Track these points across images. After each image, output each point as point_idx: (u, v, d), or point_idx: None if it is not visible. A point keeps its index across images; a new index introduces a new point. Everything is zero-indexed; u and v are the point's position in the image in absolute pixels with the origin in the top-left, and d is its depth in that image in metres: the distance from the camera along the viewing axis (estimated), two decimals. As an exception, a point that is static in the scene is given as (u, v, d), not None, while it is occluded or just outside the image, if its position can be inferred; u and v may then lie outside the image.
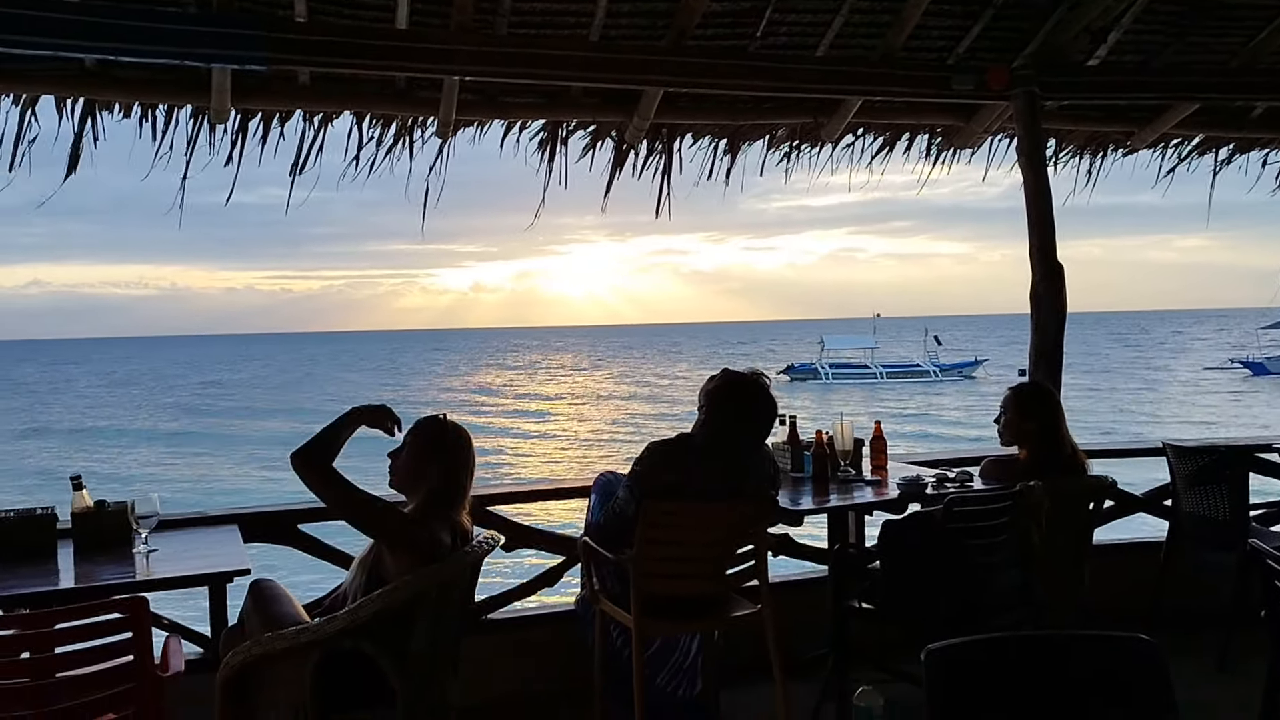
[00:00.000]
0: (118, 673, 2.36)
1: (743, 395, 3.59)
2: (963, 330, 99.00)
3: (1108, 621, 2.69)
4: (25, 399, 56.57)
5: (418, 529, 2.91)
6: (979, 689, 1.95)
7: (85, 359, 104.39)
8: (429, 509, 2.97)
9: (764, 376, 3.66)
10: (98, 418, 45.57)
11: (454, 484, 3.02)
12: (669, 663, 4.05)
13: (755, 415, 3.57)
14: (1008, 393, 4.17)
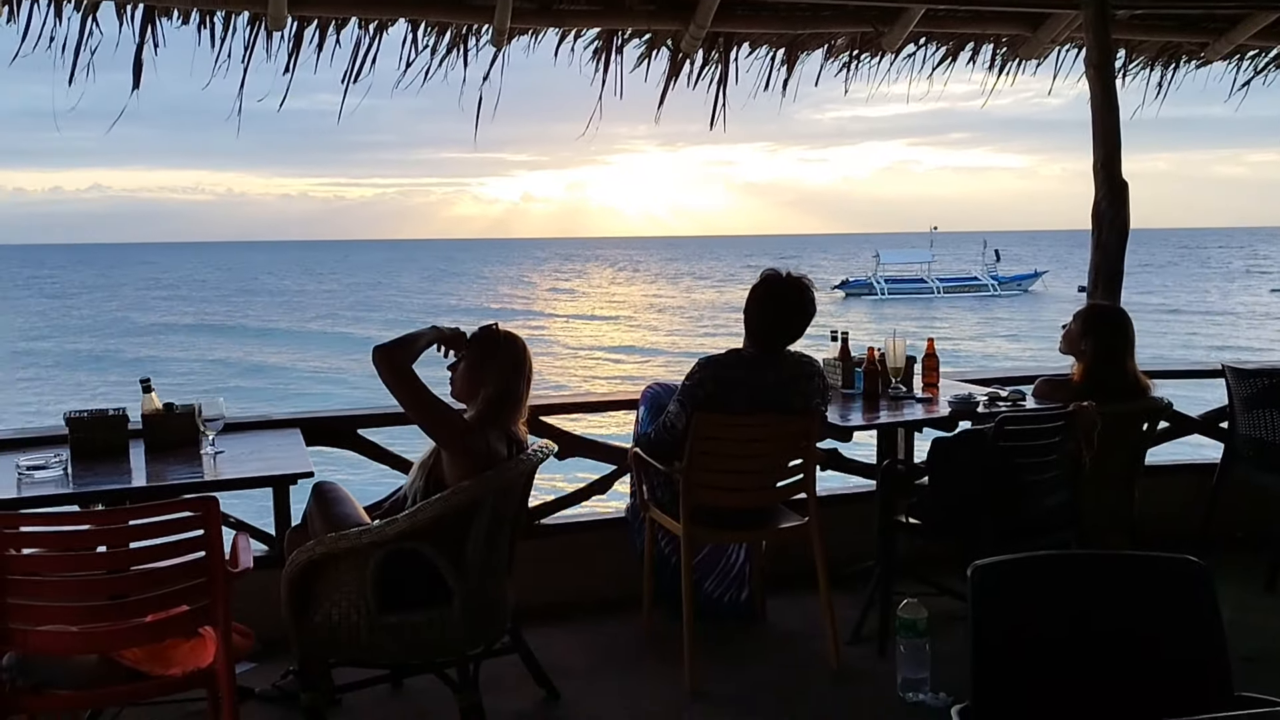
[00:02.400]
0: (190, 568, 2.47)
1: (777, 293, 3.59)
2: (1022, 247, 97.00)
3: (1156, 543, 2.70)
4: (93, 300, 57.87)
5: (476, 437, 2.98)
6: (1023, 606, 1.98)
7: (153, 262, 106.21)
8: (487, 418, 3.03)
9: (804, 279, 3.63)
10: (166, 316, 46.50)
11: (510, 393, 3.07)
12: (717, 570, 4.14)
13: (791, 311, 3.56)
14: (1083, 307, 4.14)
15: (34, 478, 3.05)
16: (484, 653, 3.22)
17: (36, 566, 2.45)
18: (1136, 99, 5.64)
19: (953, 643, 3.71)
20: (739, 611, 4.12)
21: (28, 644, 2.40)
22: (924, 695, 3.42)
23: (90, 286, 69.41)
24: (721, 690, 3.53)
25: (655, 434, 3.65)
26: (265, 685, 3.48)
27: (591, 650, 3.89)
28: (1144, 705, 1.66)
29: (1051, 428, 3.62)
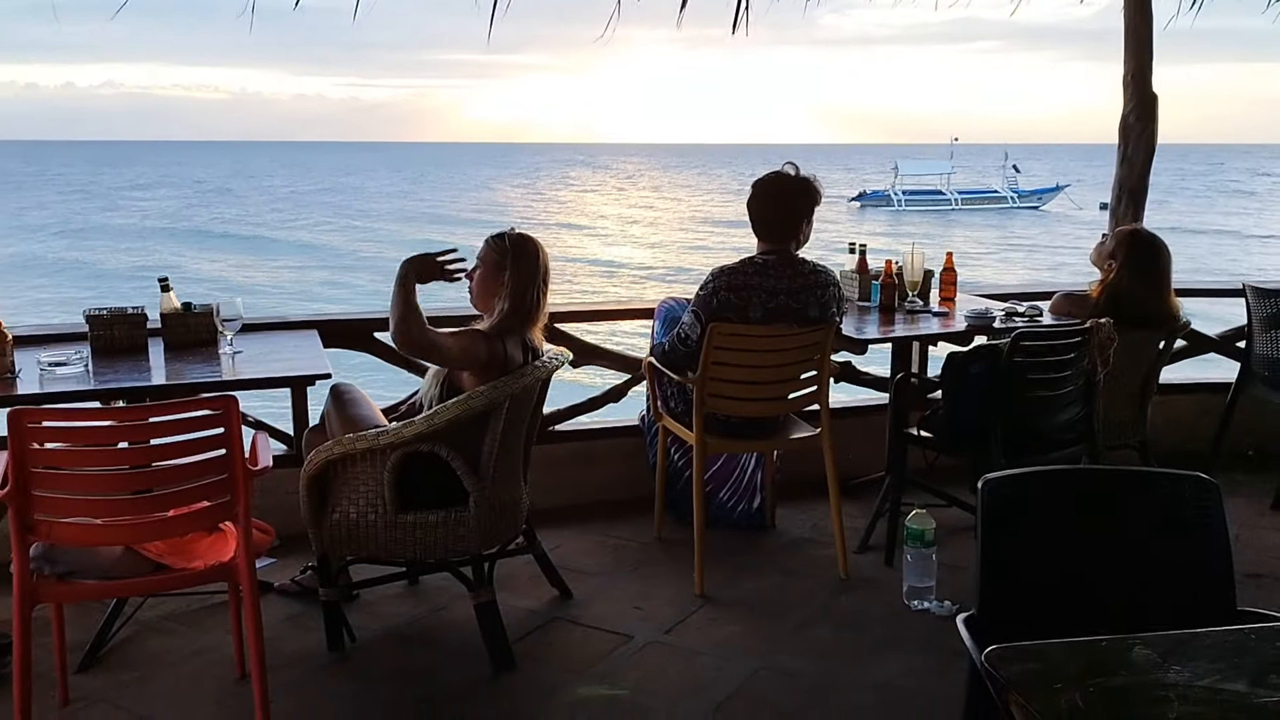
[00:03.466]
0: (211, 465, 2.51)
1: (774, 178, 3.57)
2: (1044, 160, 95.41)
3: (1167, 459, 2.72)
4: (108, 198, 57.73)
5: (494, 348, 2.99)
6: (1032, 518, 2.00)
7: (165, 161, 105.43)
8: (504, 324, 3.04)
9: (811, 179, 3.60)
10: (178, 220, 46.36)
11: (527, 300, 3.06)
12: (729, 479, 4.19)
13: (792, 191, 3.54)
14: (1125, 228, 4.09)
15: (55, 374, 3.09)
16: (498, 552, 3.29)
17: (60, 460, 2.49)
18: (1171, 8, 5.49)
19: (959, 553, 3.78)
20: (750, 520, 4.19)
21: (54, 535, 2.46)
22: (929, 603, 3.49)
23: (105, 186, 69.15)
24: (729, 595, 3.61)
25: (670, 345, 3.65)
26: (285, 580, 3.57)
27: (603, 553, 3.97)
28: (1146, 617, 1.69)
29: (1068, 343, 3.61)
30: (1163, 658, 1.52)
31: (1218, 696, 1.42)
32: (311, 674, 3.07)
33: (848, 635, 3.34)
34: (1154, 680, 1.47)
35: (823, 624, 3.42)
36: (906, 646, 3.25)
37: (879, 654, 3.21)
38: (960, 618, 1.91)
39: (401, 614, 3.45)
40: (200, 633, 3.30)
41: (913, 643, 3.27)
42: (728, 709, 2.90)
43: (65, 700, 2.88)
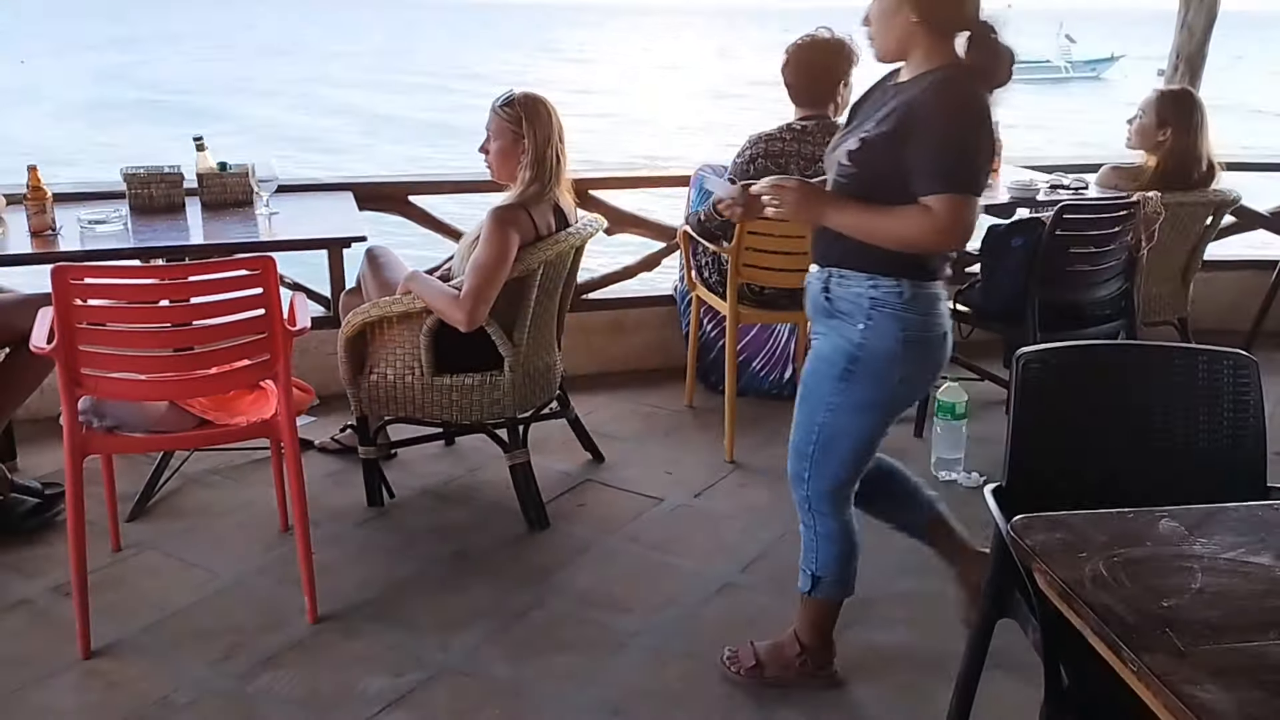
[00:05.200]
0: (250, 324, 2.55)
1: (809, 40, 3.47)
2: (1103, 25, 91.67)
3: (1207, 337, 2.69)
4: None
5: (521, 218, 2.94)
6: (1065, 393, 2.00)
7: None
8: (529, 191, 2.98)
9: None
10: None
11: (547, 158, 2.97)
12: (762, 349, 4.20)
13: (829, 52, 3.44)
14: (1150, 94, 3.91)
15: (95, 231, 3.12)
16: (533, 416, 3.34)
17: (103, 316, 2.53)
18: None
19: (989, 427, 3.79)
20: (781, 390, 4.21)
21: (100, 390, 2.52)
22: (957, 474, 3.53)
23: (172, 38, 68.27)
24: (759, 462, 3.66)
25: (705, 213, 3.61)
26: (324, 438, 3.66)
27: (635, 419, 4.02)
28: (1177, 493, 1.69)
29: (1113, 217, 3.53)
30: (1189, 530, 1.53)
31: (1241, 569, 1.44)
32: (351, 528, 3.18)
33: (875, 504, 3.38)
34: (1179, 552, 1.48)
35: (850, 492, 3.46)
36: (932, 516, 3.29)
37: (905, 522, 3.26)
38: (988, 488, 1.93)
39: (438, 473, 3.53)
40: (244, 487, 3.41)
41: (939, 512, 3.31)
42: (754, 570, 2.98)
43: (117, 546, 3.01)
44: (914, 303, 2.14)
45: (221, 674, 2.51)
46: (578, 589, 2.89)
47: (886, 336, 2.15)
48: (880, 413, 2.27)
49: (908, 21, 2.07)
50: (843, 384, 2.20)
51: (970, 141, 2.04)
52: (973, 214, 2.05)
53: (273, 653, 2.58)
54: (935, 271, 2.17)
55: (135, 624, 2.68)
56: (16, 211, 3.25)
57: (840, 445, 2.28)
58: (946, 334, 2.24)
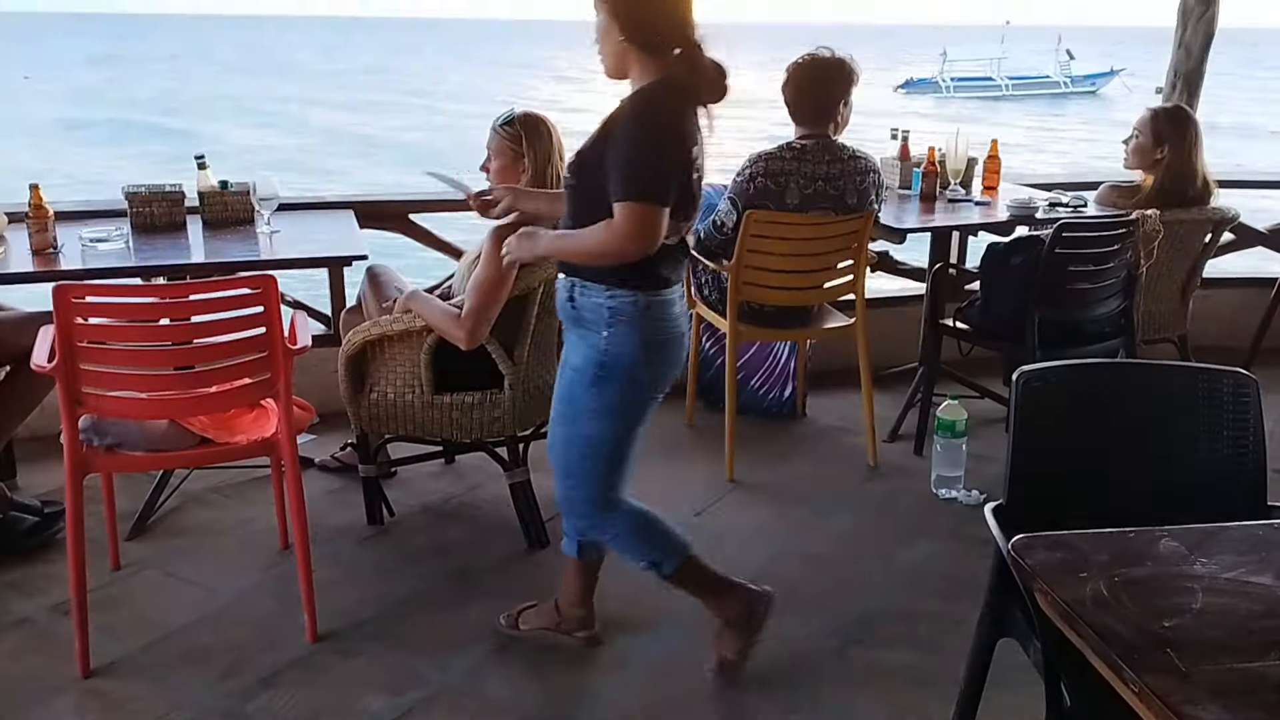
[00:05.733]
0: (251, 343, 2.55)
1: (808, 60, 3.49)
2: (1101, 44, 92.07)
3: (1206, 355, 2.70)
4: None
5: None
6: (1065, 411, 2.00)
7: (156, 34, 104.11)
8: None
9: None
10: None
11: (544, 178, 2.96)
12: (762, 367, 4.21)
13: (828, 69, 3.46)
14: (1145, 114, 3.93)
15: (97, 249, 3.12)
16: (532, 434, 3.34)
17: (104, 335, 2.54)
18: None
19: (989, 445, 3.79)
20: (781, 408, 4.21)
21: (101, 408, 2.52)
22: (957, 492, 3.52)
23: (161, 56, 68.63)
24: (759, 480, 3.66)
25: (705, 232, 3.62)
26: (325, 456, 3.66)
27: (635, 437, 4.01)
28: (1177, 512, 1.69)
29: (1112, 235, 3.54)
30: (1190, 550, 1.53)
31: (1243, 589, 1.44)
32: (351, 546, 3.17)
33: (874, 522, 3.39)
34: (1180, 572, 1.48)
35: (850, 510, 3.47)
36: (932, 534, 3.30)
37: (905, 540, 3.26)
38: (989, 507, 1.93)
39: (438, 491, 3.53)
40: (244, 505, 3.40)
41: (939, 530, 3.32)
42: (755, 589, 2.97)
43: (117, 565, 3.00)
44: (650, 311, 2.26)
45: (220, 693, 2.50)
46: (578, 608, 2.88)
47: (628, 343, 2.26)
48: (632, 414, 2.38)
49: (618, 42, 2.18)
50: (595, 390, 2.31)
51: (651, 151, 2.11)
52: (655, 221, 2.11)
53: (272, 672, 2.57)
54: (666, 279, 2.28)
55: (135, 643, 2.67)
56: (18, 230, 3.25)
57: (603, 450, 2.38)
58: (683, 334, 2.38)
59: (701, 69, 2.17)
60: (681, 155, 2.15)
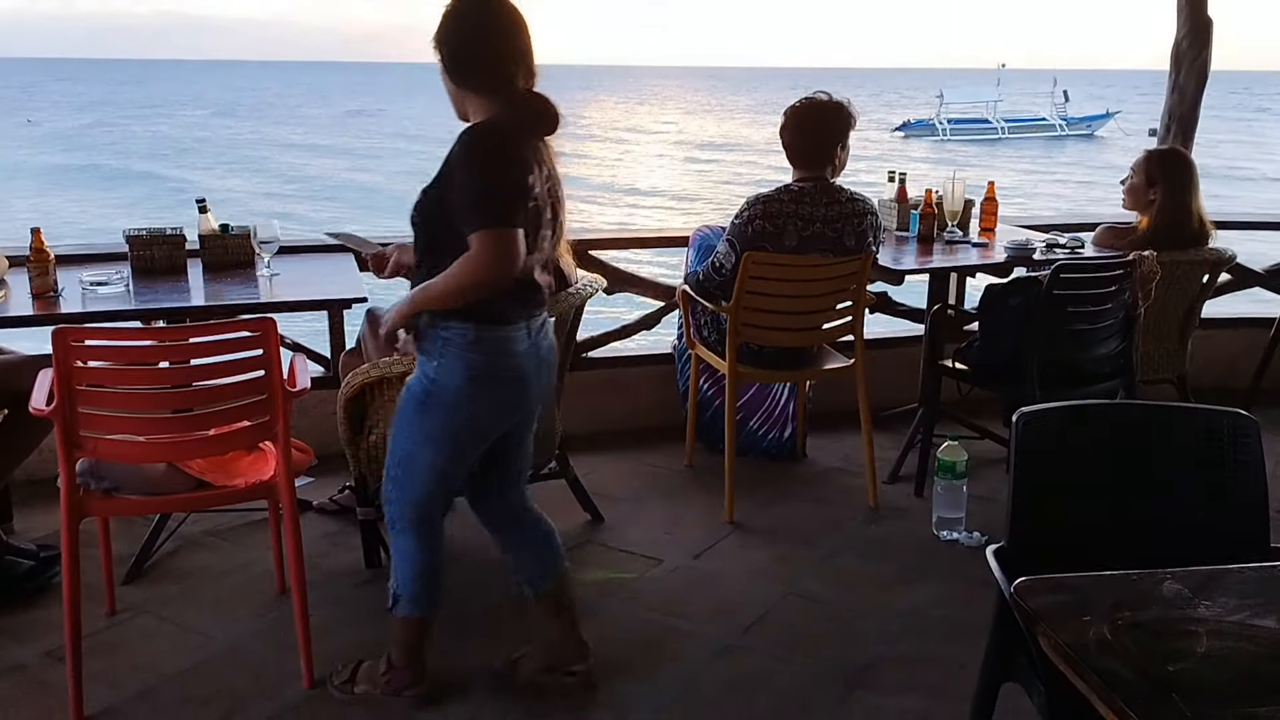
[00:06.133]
0: (250, 385, 2.55)
1: (806, 103, 3.52)
2: (1096, 87, 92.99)
3: (1206, 395, 2.69)
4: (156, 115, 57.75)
5: None
6: (1066, 452, 1.99)
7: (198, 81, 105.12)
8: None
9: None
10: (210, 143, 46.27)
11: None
12: (761, 408, 4.20)
13: (825, 114, 3.50)
14: (1141, 156, 3.97)
15: (97, 293, 3.13)
16: (532, 477, 3.32)
17: (103, 378, 2.53)
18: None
19: (990, 486, 3.78)
20: (780, 449, 4.20)
21: (99, 451, 2.51)
22: (958, 534, 3.50)
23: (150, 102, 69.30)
24: (759, 522, 3.64)
25: (704, 274, 3.64)
26: (323, 499, 3.64)
27: (634, 479, 4.01)
28: (1179, 553, 1.68)
29: (1110, 276, 3.55)
30: (1193, 592, 1.52)
31: (1248, 632, 1.43)
32: (349, 590, 3.15)
33: (875, 563, 3.36)
34: (1184, 615, 1.47)
35: (851, 552, 3.45)
36: (934, 576, 3.28)
37: (906, 583, 3.24)
38: (990, 549, 1.92)
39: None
40: (241, 548, 3.38)
41: (940, 572, 3.30)
42: (755, 633, 2.95)
43: (112, 610, 2.98)
44: (479, 345, 2.30)
45: (215, 741, 2.47)
46: (577, 652, 2.85)
47: (454, 374, 2.31)
48: (452, 445, 2.40)
49: (453, 87, 2.30)
50: (419, 414, 2.37)
51: (490, 179, 2.17)
52: (511, 242, 2.16)
53: (268, 718, 2.54)
54: (503, 315, 2.30)
55: (129, 689, 2.64)
56: (19, 273, 3.26)
57: (418, 470, 2.42)
58: (522, 376, 2.38)
59: (529, 105, 2.27)
60: (519, 182, 2.21)
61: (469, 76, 2.27)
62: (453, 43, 2.26)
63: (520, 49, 2.26)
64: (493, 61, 2.24)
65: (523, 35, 2.27)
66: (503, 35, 2.25)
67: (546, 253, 2.38)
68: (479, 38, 2.25)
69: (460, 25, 2.26)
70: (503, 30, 2.25)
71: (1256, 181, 31.67)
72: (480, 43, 2.25)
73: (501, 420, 2.44)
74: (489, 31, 2.25)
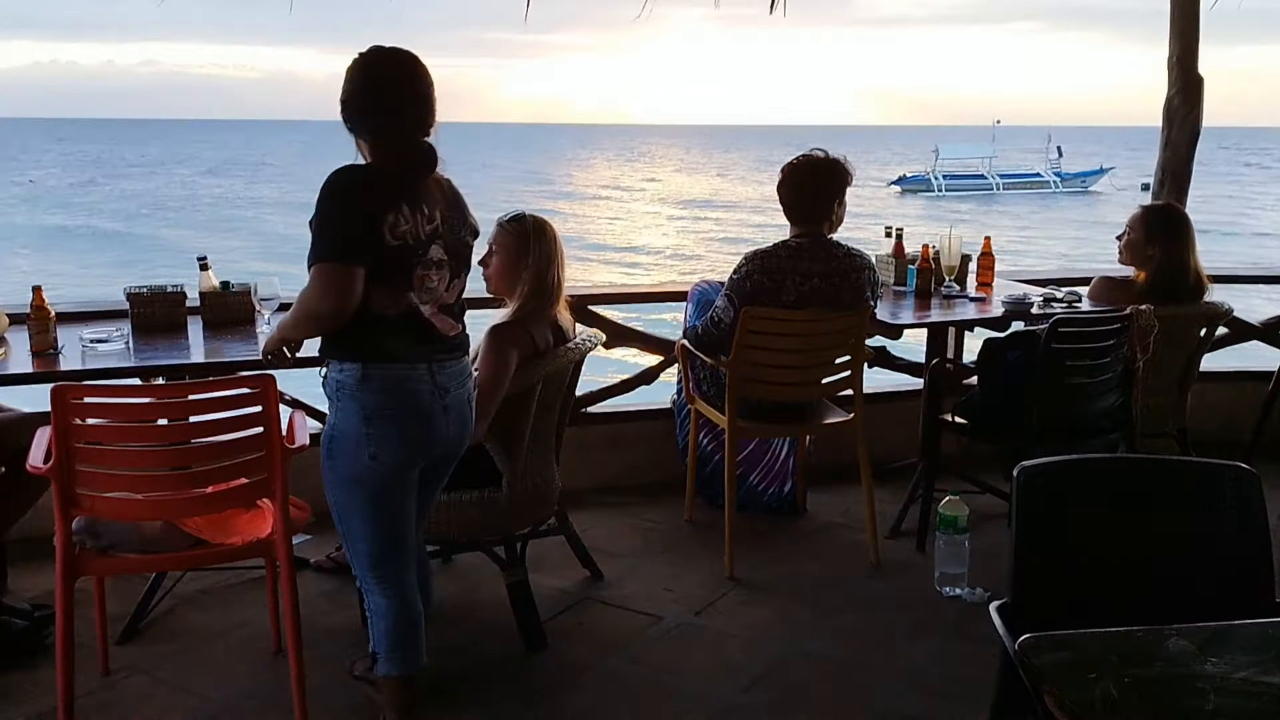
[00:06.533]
0: (249, 442, 2.54)
1: (803, 161, 3.56)
2: (1089, 143, 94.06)
3: (1207, 449, 2.69)
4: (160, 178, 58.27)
5: (521, 334, 2.96)
6: (1067, 507, 1.99)
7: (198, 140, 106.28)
8: (528, 307, 3.01)
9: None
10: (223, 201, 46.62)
11: (545, 278, 3.03)
12: (761, 463, 4.19)
13: (822, 174, 3.53)
14: (1137, 211, 4.00)
15: (97, 350, 3.14)
16: (531, 533, 3.31)
17: (101, 436, 2.53)
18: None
19: (992, 540, 3.75)
20: (781, 505, 4.18)
21: (95, 509, 2.50)
22: (961, 590, 3.47)
23: (144, 162, 70.00)
24: (760, 578, 3.61)
25: (703, 328, 3.65)
26: (320, 557, 3.61)
27: (634, 535, 3.98)
28: (1183, 609, 1.67)
29: (1107, 330, 3.56)
30: (1199, 649, 1.50)
31: (1255, 689, 1.41)
32: (347, 649, 3.10)
33: (878, 620, 3.33)
34: (1190, 672, 1.45)
35: (853, 609, 3.41)
36: (937, 633, 3.24)
37: (909, 639, 3.20)
38: (993, 605, 1.90)
39: (435, 592, 3.47)
40: (238, 607, 3.35)
41: (943, 629, 3.26)
42: (757, 691, 2.91)
43: (106, 670, 2.94)
44: (369, 383, 2.36)
45: (208, 805, 2.42)
46: (577, 710, 2.82)
47: (350, 416, 2.38)
48: (366, 490, 2.43)
49: (354, 136, 2.44)
50: (329, 463, 2.43)
51: (328, 218, 2.29)
52: (339, 278, 2.26)
53: (262, 782, 2.50)
54: (393, 353, 2.37)
55: (121, 752, 2.60)
56: (20, 330, 3.27)
57: (354, 522, 2.47)
58: (420, 414, 2.41)
59: (405, 152, 2.39)
60: (366, 222, 2.29)
61: (356, 127, 2.41)
62: (343, 95, 2.40)
63: (405, 103, 2.39)
64: (376, 114, 2.39)
65: (411, 90, 2.40)
66: (388, 91, 2.39)
67: (438, 293, 2.43)
68: (364, 93, 2.39)
69: (350, 80, 2.39)
70: (388, 87, 2.39)
71: (1244, 236, 31.93)
72: (365, 97, 2.39)
73: (407, 458, 2.46)
74: (374, 88, 2.39)
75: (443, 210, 2.42)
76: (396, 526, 2.50)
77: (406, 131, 2.39)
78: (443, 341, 2.44)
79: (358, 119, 2.39)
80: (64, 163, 68.19)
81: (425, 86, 2.42)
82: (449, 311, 2.46)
